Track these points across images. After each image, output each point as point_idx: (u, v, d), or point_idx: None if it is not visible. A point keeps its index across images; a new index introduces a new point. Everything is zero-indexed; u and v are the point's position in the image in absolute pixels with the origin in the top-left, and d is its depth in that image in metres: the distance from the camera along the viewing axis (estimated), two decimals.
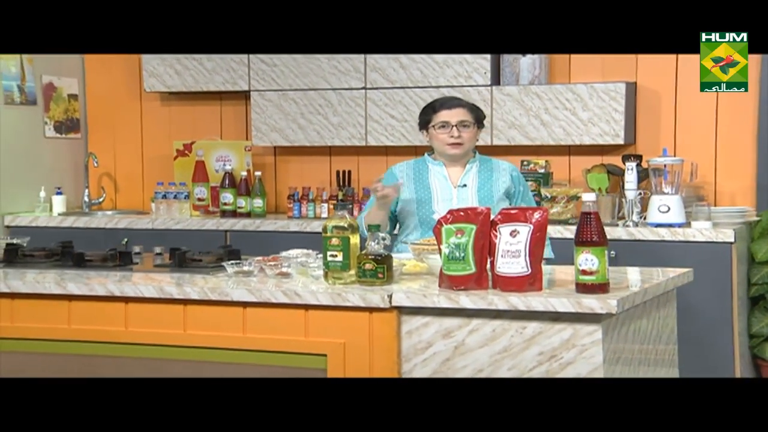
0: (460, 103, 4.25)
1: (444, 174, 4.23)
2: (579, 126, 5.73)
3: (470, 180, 4.21)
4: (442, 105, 4.24)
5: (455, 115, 4.20)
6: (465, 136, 4.19)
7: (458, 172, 4.24)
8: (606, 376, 3.13)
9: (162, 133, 6.61)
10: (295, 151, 6.37)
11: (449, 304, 3.24)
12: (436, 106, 4.24)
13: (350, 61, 6.02)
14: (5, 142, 6.24)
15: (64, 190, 6.50)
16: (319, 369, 3.36)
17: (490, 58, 5.86)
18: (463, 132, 4.19)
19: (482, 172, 4.25)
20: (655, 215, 5.45)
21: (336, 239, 3.47)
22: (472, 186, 4.19)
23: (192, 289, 3.47)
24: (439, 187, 4.20)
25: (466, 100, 4.40)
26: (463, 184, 4.20)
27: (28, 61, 6.40)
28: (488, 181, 4.22)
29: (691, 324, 5.27)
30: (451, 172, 4.24)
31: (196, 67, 6.27)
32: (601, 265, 3.18)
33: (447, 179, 4.22)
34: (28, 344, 3.65)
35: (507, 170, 4.27)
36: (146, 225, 6.06)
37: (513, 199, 4.25)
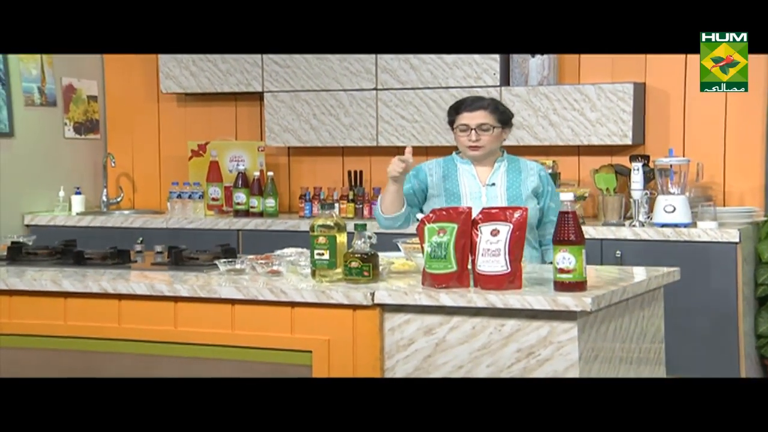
0: (482, 105, 4.17)
1: (473, 173, 4.20)
2: (587, 126, 5.76)
3: (499, 179, 4.19)
4: (464, 107, 4.18)
5: (475, 118, 4.14)
6: (484, 139, 4.13)
7: (486, 171, 4.21)
8: (582, 373, 3.17)
9: (178, 134, 6.72)
10: (309, 152, 6.45)
11: (430, 301, 3.30)
12: (459, 108, 4.19)
13: (361, 63, 6.09)
14: (26, 143, 6.38)
15: (82, 190, 6.62)
16: (304, 366, 3.43)
17: (499, 59, 5.90)
18: (483, 135, 4.13)
19: (510, 172, 4.22)
20: (661, 215, 5.47)
21: (323, 238, 3.53)
22: (500, 185, 4.18)
23: (182, 286, 3.56)
24: (468, 186, 4.18)
25: (492, 99, 4.30)
26: (492, 182, 4.18)
27: (48, 63, 6.53)
28: (516, 180, 4.20)
29: (697, 324, 5.30)
30: (480, 171, 4.21)
31: (210, 68, 6.37)
32: (578, 264, 3.22)
33: (476, 178, 4.19)
34: (26, 340, 3.75)
35: (535, 170, 4.25)
36: (161, 224, 6.17)
37: (541, 198, 4.22)
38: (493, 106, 4.19)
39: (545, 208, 4.22)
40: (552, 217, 4.13)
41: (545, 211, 4.22)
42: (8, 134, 6.30)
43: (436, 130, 5.98)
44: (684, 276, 5.26)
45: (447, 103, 5.90)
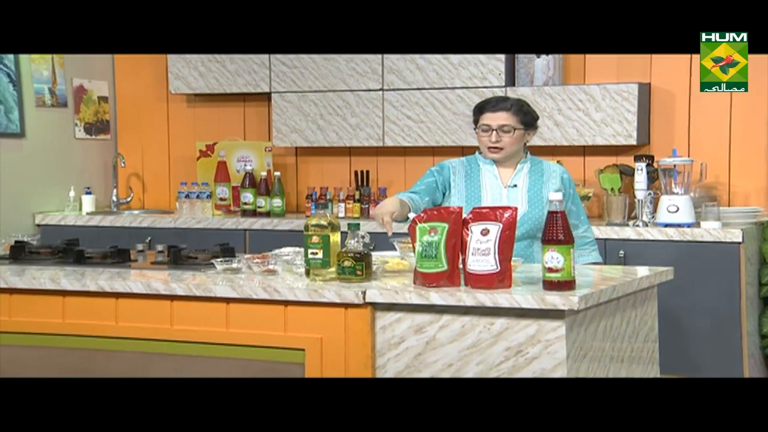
0: (504, 107, 4.13)
1: (495, 173, 4.18)
2: (592, 126, 5.77)
3: (521, 180, 4.16)
4: (487, 107, 4.15)
5: (497, 119, 4.10)
6: (505, 140, 4.10)
7: (509, 172, 4.18)
8: (570, 371, 3.20)
9: (188, 134, 6.78)
10: (316, 152, 6.50)
11: (420, 300, 3.33)
12: (483, 107, 4.17)
13: (368, 63, 6.12)
14: (37, 144, 6.45)
15: (93, 189, 6.69)
16: (297, 363, 3.47)
17: (504, 59, 5.93)
18: (504, 137, 4.10)
19: (533, 173, 4.19)
20: (664, 215, 5.48)
21: (316, 237, 3.57)
22: (522, 186, 4.15)
23: (178, 285, 3.60)
24: (490, 187, 4.16)
25: (517, 101, 4.22)
26: (514, 184, 4.15)
27: (60, 64, 6.60)
28: (538, 182, 4.17)
29: (700, 324, 5.31)
30: (502, 172, 4.19)
31: (219, 69, 6.42)
32: (567, 263, 3.25)
33: (497, 179, 4.17)
34: (25, 338, 3.80)
35: (558, 172, 4.22)
36: (169, 224, 6.22)
37: (563, 200, 4.06)
38: (516, 108, 4.14)
39: (567, 211, 4.06)
40: (573, 220, 4.09)
41: (567, 214, 4.13)
42: (20, 135, 6.37)
43: (442, 131, 6.01)
44: (687, 276, 5.31)
45: (452, 104, 5.97)
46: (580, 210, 4.27)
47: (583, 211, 4.29)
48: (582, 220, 4.25)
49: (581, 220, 4.24)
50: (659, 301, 5.26)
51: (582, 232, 4.21)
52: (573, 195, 4.24)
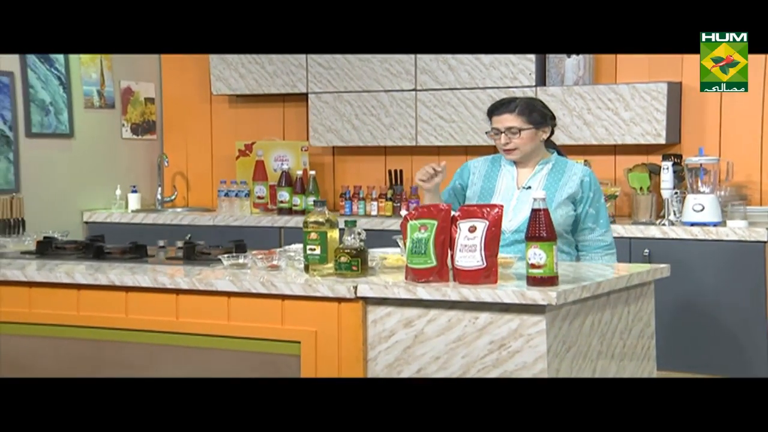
0: (508, 109, 4.13)
1: (513, 174, 4.19)
2: (621, 126, 5.81)
3: (536, 182, 4.14)
4: (493, 111, 4.19)
5: (503, 122, 4.12)
6: (516, 141, 4.10)
7: (527, 173, 4.18)
8: (551, 364, 3.27)
9: (229, 134, 6.95)
10: (352, 151, 6.62)
11: (407, 295, 3.43)
12: (491, 111, 4.20)
13: (401, 64, 6.23)
14: (85, 144, 6.68)
15: (139, 188, 6.90)
16: (293, 356, 3.59)
17: (534, 59, 5.99)
18: (513, 138, 4.10)
19: (552, 175, 4.16)
20: (690, 214, 5.49)
21: (314, 234, 3.68)
22: (537, 188, 4.09)
23: (182, 279, 3.75)
24: (504, 187, 4.18)
25: (522, 100, 4.21)
26: (528, 186, 4.14)
27: (108, 67, 6.82)
28: (555, 184, 4.13)
29: (725, 323, 5.32)
30: (521, 173, 4.19)
31: (258, 70, 6.58)
32: (549, 259, 3.32)
33: (514, 179, 4.18)
34: (43, 329, 3.97)
35: (578, 174, 4.14)
36: (208, 222, 6.40)
37: (579, 204, 4.14)
38: (521, 108, 4.13)
39: (583, 214, 4.15)
40: (590, 223, 4.11)
41: (583, 217, 4.16)
42: (69, 135, 6.61)
43: (473, 130, 6.09)
44: (712, 275, 5.33)
45: (484, 104, 6.04)
46: (599, 214, 4.18)
47: (604, 214, 4.21)
48: (601, 224, 4.18)
49: (600, 224, 4.17)
50: (684, 300, 5.33)
51: (597, 235, 4.17)
52: (593, 198, 4.15)
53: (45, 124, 6.47)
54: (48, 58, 6.48)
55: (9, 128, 6.26)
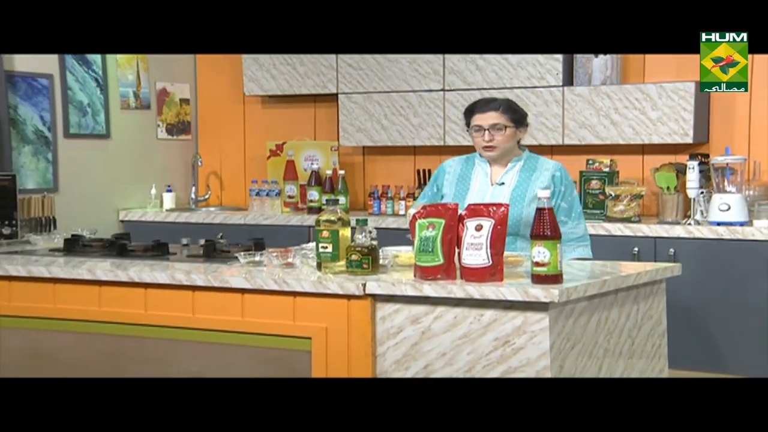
0: (493, 107, 4.27)
1: (486, 171, 4.31)
2: (648, 125, 5.82)
3: (509, 178, 4.27)
4: (476, 109, 4.30)
5: (487, 119, 4.25)
6: (498, 139, 4.23)
7: (500, 170, 4.31)
8: (553, 361, 3.31)
9: (261, 134, 7.06)
10: (382, 151, 6.69)
11: (414, 292, 3.49)
12: (473, 110, 4.31)
13: (429, 65, 6.28)
14: (121, 144, 6.81)
15: (174, 187, 7.01)
16: (304, 351, 3.66)
17: (562, 59, 6.01)
18: (496, 135, 4.23)
19: (524, 171, 4.28)
20: (716, 214, 5.49)
21: (326, 232, 3.75)
22: (509, 184, 4.25)
23: (198, 276, 3.83)
24: (478, 184, 4.30)
25: (504, 100, 4.38)
26: (501, 182, 4.27)
27: (144, 69, 6.95)
28: (526, 180, 4.26)
29: (751, 323, 5.31)
30: (494, 170, 4.31)
31: (290, 71, 6.67)
32: (553, 257, 3.36)
33: (487, 176, 4.30)
34: (66, 324, 4.09)
35: (550, 170, 4.28)
36: (239, 220, 6.50)
37: (552, 198, 4.17)
38: (505, 107, 4.28)
39: (556, 207, 4.24)
40: (562, 217, 4.20)
41: (556, 210, 4.18)
42: (105, 136, 6.74)
43: None
44: (738, 275, 5.32)
45: None
46: (572, 207, 4.28)
47: (576, 208, 4.30)
48: (572, 217, 4.27)
49: (571, 216, 4.27)
50: (709, 300, 5.33)
51: (570, 228, 4.24)
52: (564, 192, 4.27)
53: (82, 125, 6.60)
54: (86, 61, 6.62)
55: (48, 129, 6.40)
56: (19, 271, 4.17)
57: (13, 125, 6.17)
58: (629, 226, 5.60)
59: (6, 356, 4.19)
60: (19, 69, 6.22)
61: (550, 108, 6.02)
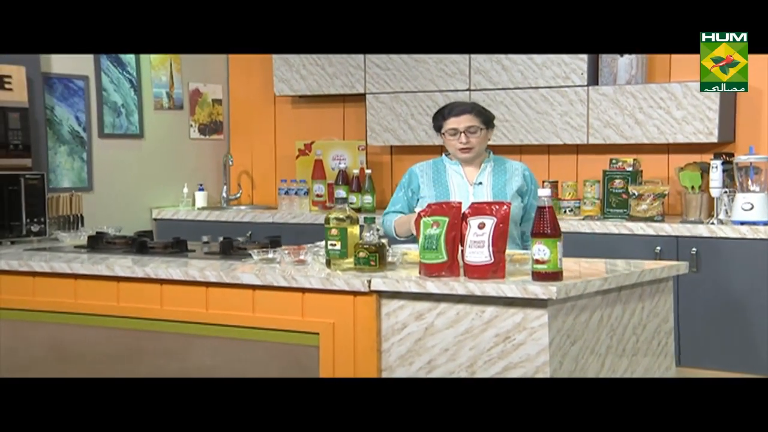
0: (466, 110, 4.42)
1: (461, 173, 4.46)
2: (673, 125, 5.82)
3: (485, 178, 4.42)
4: (450, 112, 4.42)
5: (462, 122, 4.39)
6: (473, 140, 4.38)
7: (474, 171, 4.45)
8: (553, 357, 3.36)
9: (292, 134, 7.15)
10: (410, 150, 6.75)
11: (418, 289, 3.55)
12: (445, 113, 4.43)
13: (456, 65, 6.33)
14: (154, 144, 6.94)
15: (206, 186, 7.13)
16: (312, 346, 3.74)
17: (587, 58, 6.03)
18: (471, 137, 4.38)
19: (496, 172, 4.45)
20: (739, 213, 5.48)
21: (335, 230, 3.83)
22: (487, 184, 4.42)
23: (211, 273, 3.93)
24: (457, 185, 4.43)
25: (473, 103, 4.56)
26: (479, 182, 4.42)
27: (177, 70, 7.07)
28: (501, 179, 4.42)
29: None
30: (467, 171, 4.46)
31: (319, 72, 6.75)
32: (553, 255, 3.41)
33: (463, 177, 4.44)
34: (86, 319, 4.21)
35: (520, 170, 4.47)
36: (268, 219, 6.59)
37: (525, 196, 4.43)
38: (477, 110, 4.44)
39: (528, 205, 4.43)
40: (533, 213, 4.24)
41: (528, 208, 4.44)
42: (139, 136, 6.87)
43: (526, 129, 6.17)
44: (760, 274, 5.32)
45: (536, 103, 6.13)
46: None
47: None
48: None
49: None
50: (731, 299, 5.33)
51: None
52: (534, 191, 4.41)
53: (117, 125, 6.73)
54: (120, 63, 6.75)
55: (83, 129, 6.54)
56: (42, 267, 4.30)
57: (50, 126, 6.31)
58: (652, 225, 5.61)
59: (29, 349, 4.32)
60: (55, 71, 6.37)
61: (575, 107, 6.04)
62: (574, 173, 6.33)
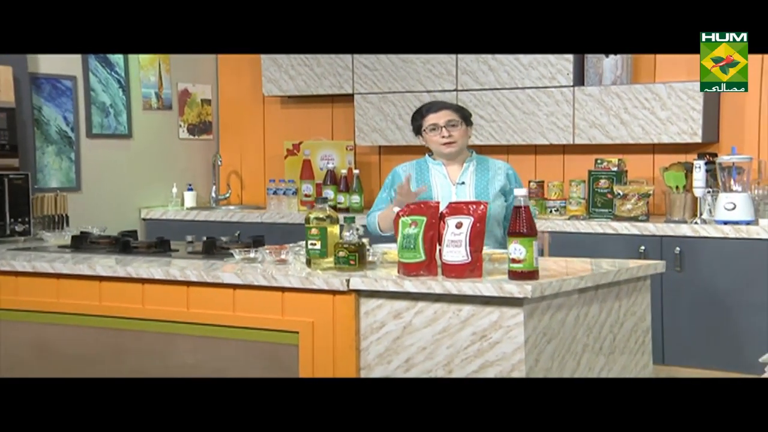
0: (444, 105, 4.49)
1: (443, 173, 4.48)
2: (657, 125, 5.85)
3: (468, 178, 4.45)
4: (428, 110, 4.48)
5: (442, 117, 4.43)
6: (455, 134, 4.42)
7: (457, 170, 4.48)
8: (528, 355, 3.39)
9: (280, 134, 7.18)
10: (397, 150, 6.77)
11: (395, 288, 3.58)
12: (423, 112, 4.49)
13: (443, 65, 6.36)
14: (143, 144, 6.96)
15: (195, 186, 7.15)
16: (292, 345, 3.77)
17: (572, 59, 6.06)
18: (453, 131, 4.41)
19: (479, 171, 4.47)
20: (722, 213, 5.51)
21: (315, 229, 3.85)
22: (469, 183, 4.44)
23: (192, 272, 3.95)
24: (440, 185, 4.46)
25: (449, 102, 4.64)
26: (462, 181, 4.44)
27: (166, 70, 7.09)
28: (484, 178, 4.45)
29: (756, 322, 5.34)
30: (450, 171, 4.49)
31: (307, 72, 6.78)
32: (528, 254, 3.43)
33: (446, 177, 4.47)
34: (69, 318, 4.23)
35: (503, 169, 4.49)
36: (256, 219, 6.62)
37: (509, 195, 4.44)
38: (454, 107, 4.50)
39: (511, 205, 4.34)
40: None
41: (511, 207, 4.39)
42: (127, 136, 6.89)
43: (513, 129, 6.19)
44: (743, 273, 5.34)
45: (523, 103, 6.15)
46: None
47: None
48: None
49: None
50: (715, 298, 5.36)
51: None
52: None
53: (105, 125, 6.75)
54: (108, 63, 6.77)
55: (71, 129, 6.56)
56: (25, 267, 4.32)
57: (38, 126, 6.33)
58: (636, 225, 5.64)
59: (11, 348, 4.34)
60: (43, 71, 6.38)
61: (561, 108, 6.07)
62: (560, 173, 6.36)
